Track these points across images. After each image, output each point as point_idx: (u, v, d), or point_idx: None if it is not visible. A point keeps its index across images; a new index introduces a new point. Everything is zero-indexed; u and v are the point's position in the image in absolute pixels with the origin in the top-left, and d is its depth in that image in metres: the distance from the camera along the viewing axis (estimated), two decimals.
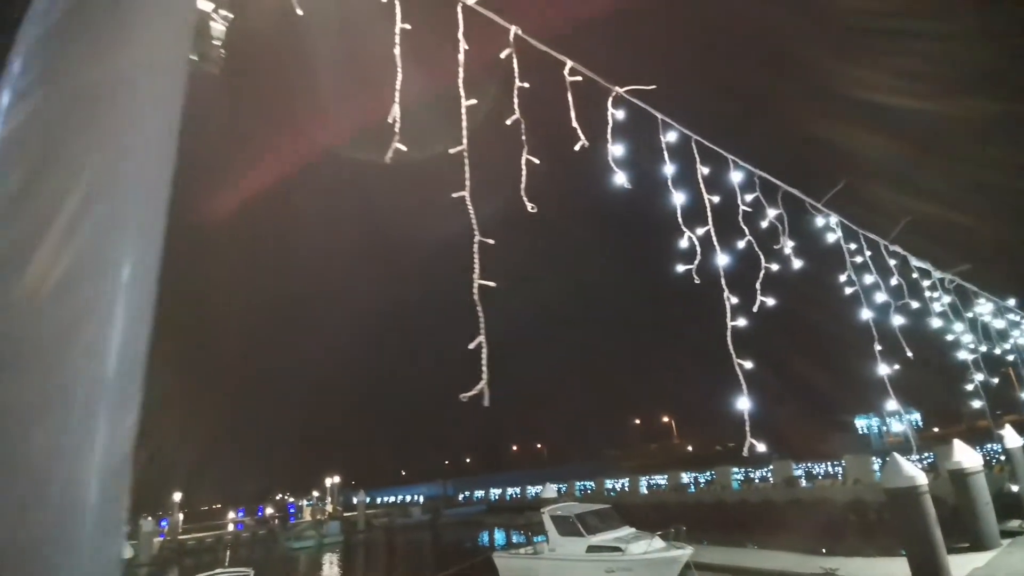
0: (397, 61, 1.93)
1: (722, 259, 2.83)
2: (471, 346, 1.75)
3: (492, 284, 1.80)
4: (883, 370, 3.78)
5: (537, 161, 2.20)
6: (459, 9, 2.24)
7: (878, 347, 3.80)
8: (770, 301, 3.02)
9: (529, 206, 2.15)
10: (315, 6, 2.17)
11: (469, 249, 1.93)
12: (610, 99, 2.70)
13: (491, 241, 1.87)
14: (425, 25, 2.26)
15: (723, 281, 2.72)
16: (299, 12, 2.13)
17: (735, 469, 23.65)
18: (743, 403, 2.44)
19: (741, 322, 2.65)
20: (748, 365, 2.52)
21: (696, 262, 2.79)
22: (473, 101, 2.09)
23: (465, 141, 2.01)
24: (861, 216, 4.17)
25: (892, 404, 3.77)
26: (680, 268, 2.84)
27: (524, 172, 2.18)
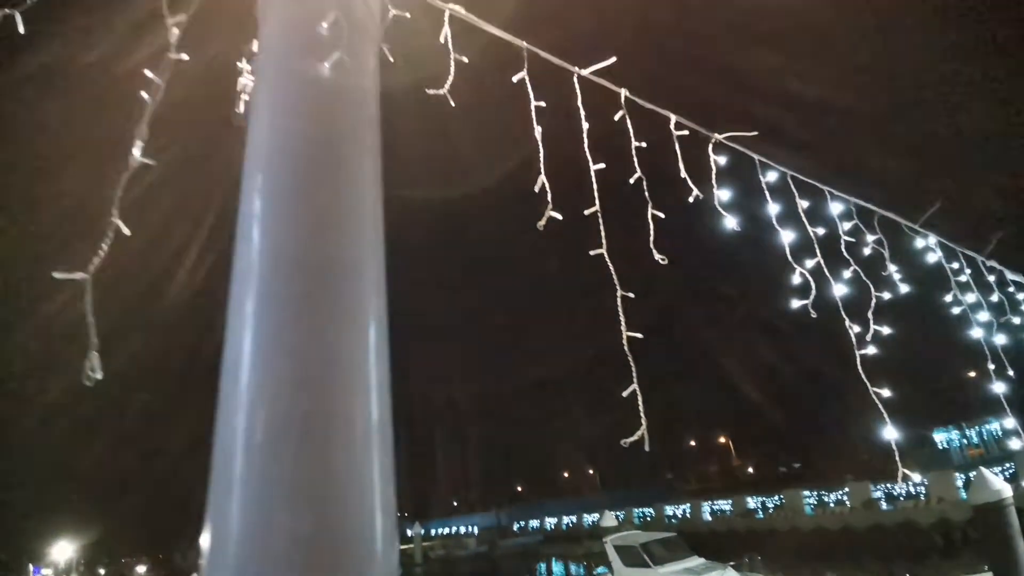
0: (538, 137, 2.15)
1: (839, 290, 2.92)
2: (625, 394, 1.88)
3: (639, 335, 1.94)
4: (998, 388, 3.72)
5: (662, 215, 2.37)
6: (575, 80, 2.46)
7: (991, 365, 3.76)
8: (885, 330, 3.05)
9: (659, 257, 2.31)
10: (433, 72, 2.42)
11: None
12: (710, 146, 2.85)
13: (632, 295, 2.02)
14: (540, 93, 2.48)
15: (843, 312, 2.80)
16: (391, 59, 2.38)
17: (806, 492, 22.55)
18: (889, 432, 2.48)
19: (869, 350, 2.72)
20: (886, 394, 2.56)
21: (811, 296, 2.88)
22: (601, 165, 2.28)
23: (598, 202, 2.19)
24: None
25: (1010, 421, 3.69)
26: (794, 303, 2.93)
27: (652, 226, 2.34)
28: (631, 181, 2.44)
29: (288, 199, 1.53)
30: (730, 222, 2.71)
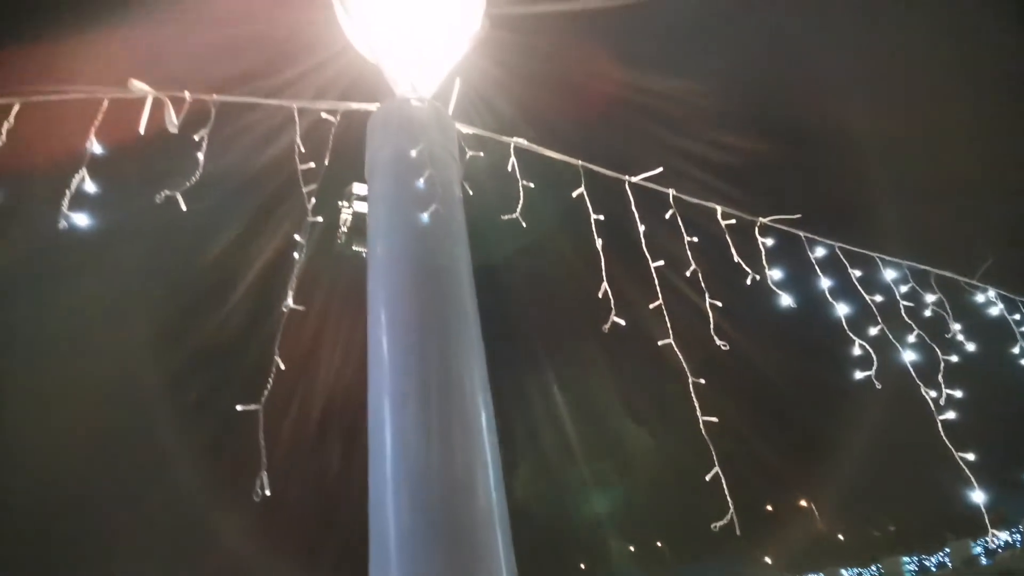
0: (599, 247, 2.45)
1: (908, 356, 2.98)
2: (708, 477, 2.02)
3: (715, 419, 2.11)
4: None
5: (720, 304, 2.59)
6: (627, 187, 2.77)
7: None
8: (957, 393, 3.05)
9: (721, 343, 2.50)
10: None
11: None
12: (756, 229, 3.07)
13: (702, 380, 2.21)
14: (597, 201, 2.80)
15: (916, 378, 2.85)
16: (470, 192, 2.74)
17: (905, 559, 20.55)
18: (977, 496, 2.46)
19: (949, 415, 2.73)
20: (971, 457, 2.56)
21: (874, 368, 2.95)
22: (660, 262, 2.55)
23: (660, 298, 2.43)
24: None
25: None
26: (858, 376, 3.00)
27: (711, 316, 2.55)
28: (688, 273, 2.67)
29: (407, 322, 1.84)
30: (787, 299, 2.87)
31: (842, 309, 3.06)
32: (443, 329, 1.85)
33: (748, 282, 2.78)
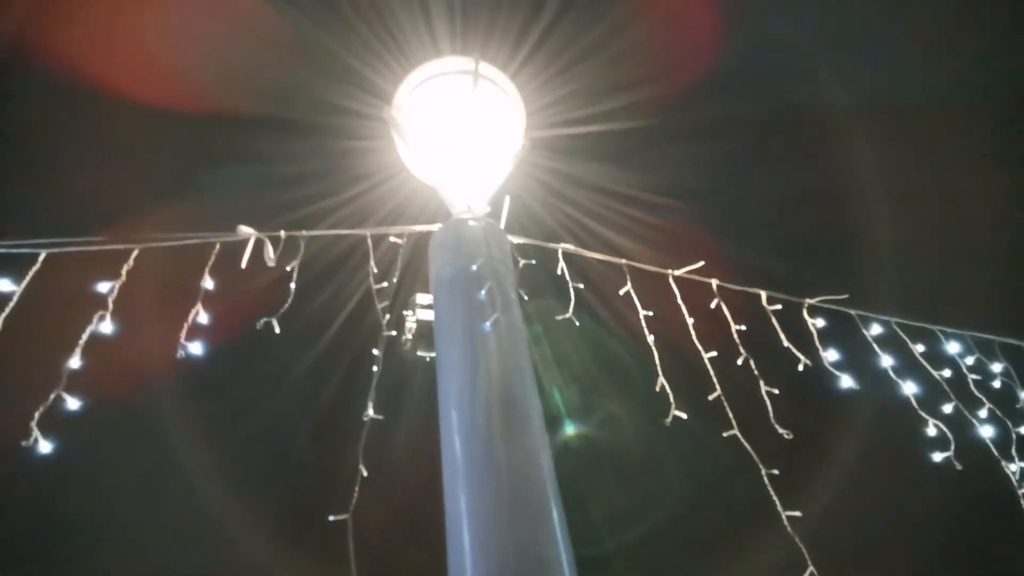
0: (651, 343, 2.59)
1: (986, 431, 2.86)
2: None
3: (798, 514, 2.08)
4: None
5: (776, 391, 2.62)
6: (671, 280, 2.94)
7: None
8: None
9: (784, 432, 2.49)
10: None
11: None
12: (804, 311, 3.12)
13: (776, 472, 2.20)
14: (641, 295, 2.95)
15: (995, 452, 2.72)
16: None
17: None
18: None
19: None
20: None
21: (952, 449, 2.83)
22: (713, 354, 2.64)
23: (718, 388, 2.50)
24: None
25: None
26: (937, 458, 2.87)
27: (769, 405, 2.58)
28: (739, 362, 2.73)
29: (477, 424, 1.98)
30: (847, 382, 2.86)
31: (907, 387, 2.99)
32: (511, 430, 1.98)
33: (801, 367, 2.80)
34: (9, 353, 2.14)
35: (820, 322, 3.08)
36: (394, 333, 2.40)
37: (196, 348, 2.06)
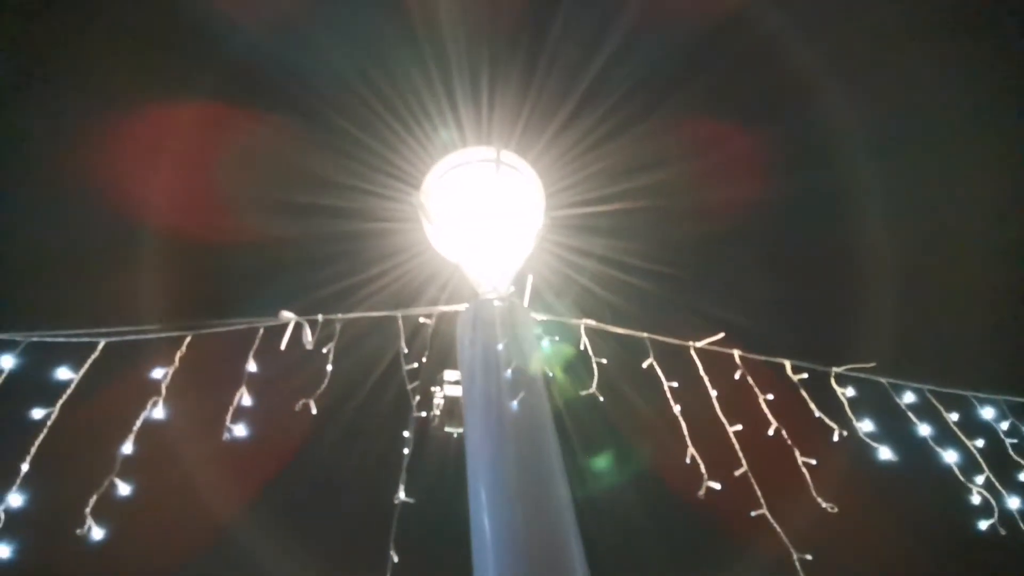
0: (677, 414, 2.63)
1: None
2: None
3: None
4: None
5: (814, 462, 2.60)
6: (693, 352, 3.00)
7: None
8: None
9: (827, 506, 2.45)
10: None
11: None
12: (832, 380, 3.13)
13: (808, 556, 2.15)
14: (665, 368, 3.01)
15: None
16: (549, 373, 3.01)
17: None
18: None
19: None
20: None
21: (995, 514, 2.72)
22: (739, 427, 2.66)
23: (744, 464, 2.50)
24: None
25: None
26: (982, 526, 2.76)
27: (808, 476, 2.56)
28: (770, 433, 2.73)
29: (505, 501, 2.03)
30: (884, 453, 2.81)
31: (946, 455, 2.92)
32: (538, 507, 2.02)
33: (836, 438, 2.77)
34: (66, 439, 2.30)
35: (850, 391, 3.07)
36: (424, 414, 2.49)
37: (240, 430, 2.19)
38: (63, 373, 2.39)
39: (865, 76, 4.44)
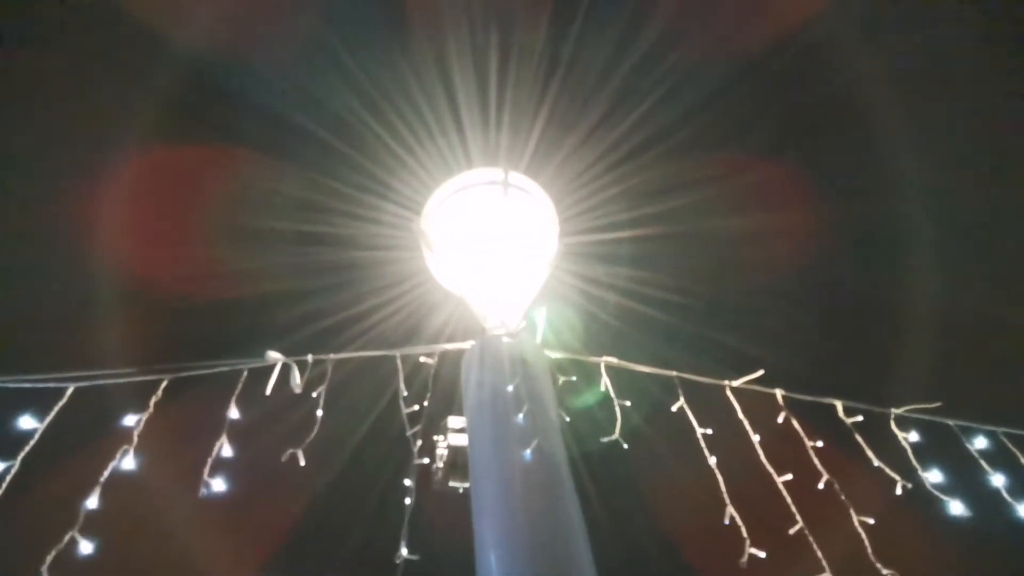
0: (713, 465, 2.60)
1: None
2: None
3: None
4: None
5: (872, 521, 2.53)
6: (729, 392, 2.99)
7: None
8: None
9: (889, 573, 2.38)
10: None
11: None
12: (892, 423, 3.08)
13: None
14: (699, 411, 3.00)
15: None
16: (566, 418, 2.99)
17: None
18: None
19: None
20: None
21: None
22: (788, 477, 2.62)
23: (800, 520, 2.44)
24: None
25: None
26: None
27: (865, 537, 2.49)
28: (820, 486, 2.68)
29: (519, 569, 2.01)
30: (955, 508, 2.73)
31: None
32: (556, 572, 2.00)
33: (899, 490, 2.71)
34: (27, 491, 2.32)
35: (913, 436, 3.02)
36: (426, 461, 2.49)
37: (219, 484, 2.20)
38: (26, 422, 2.42)
39: (921, 100, 4.50)
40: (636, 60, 4.14)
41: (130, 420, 2.39)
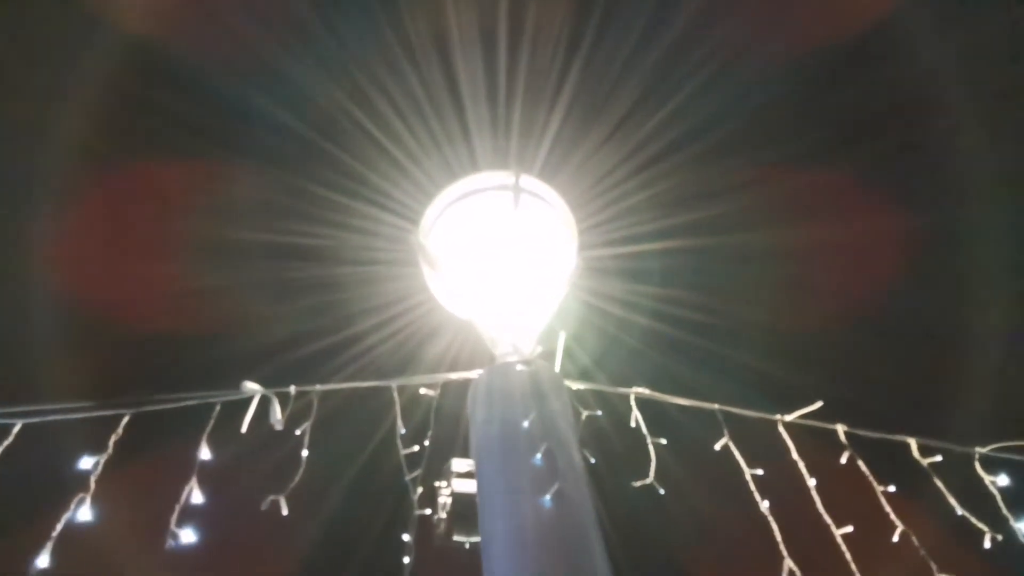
0: (765, 511, 2.53)
1: None
2: None
3: None
4: None
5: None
6: (781, 428, 2.93)
7: None
8: None
9: None
10: None
11: None
12: (976, 464, 2.99)
13: None
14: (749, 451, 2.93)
15: None
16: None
17: None
18: None
19: None
20: None
21: None
22: (848, 529, 2.54)
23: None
24: None
25: None
26: None
27: None
28: (895, 539, 2.60)
29: None
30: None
31: None
32: None
33: (987, 543, 2.62)
34: None
35: (1003, 479, 2.93)
36: (427, 511, 2.44)
37: (189, 536, 2.15)
38: None
39: (997, 95, 4.45)
40: (666, 48, 4.12)
41: (86, 463, 2.35)
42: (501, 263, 3.30)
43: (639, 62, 4.16)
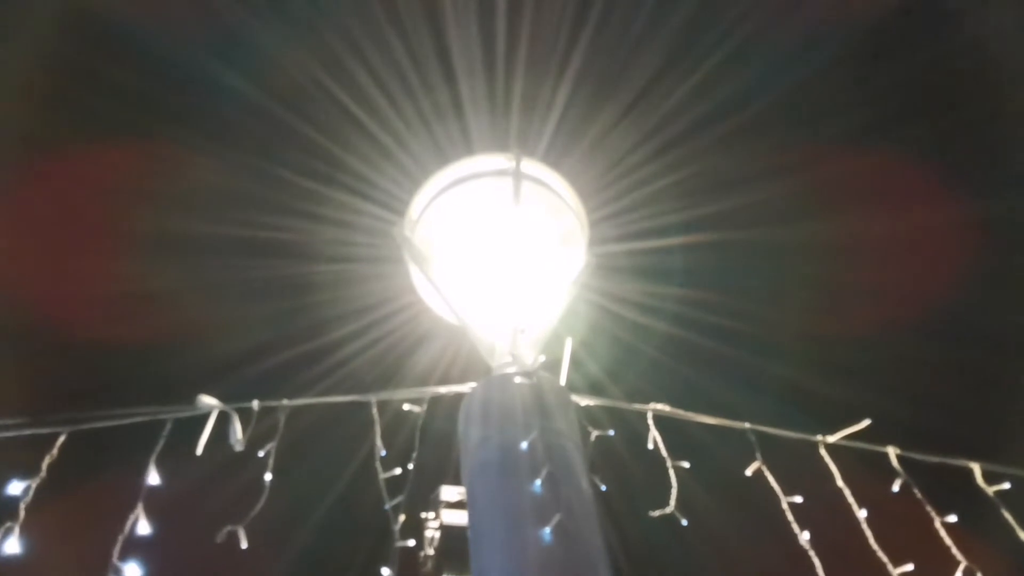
0: (806, 545, 2.52)
1: None
2: None
3: None
4: None
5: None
6: (823, 450, 2.93)
7: None
8: None
9: None
10: None
11: None
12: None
13: None
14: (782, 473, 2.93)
15: None
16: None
17: None
18: None
19: None
20: None
21: None
22: (908, 567, 2.53)
23: None
24: None
25: None
26: None
27: None
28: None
29: None
30: None
31: None
32: None
33: None
34: None
35: None
36: (411, 544, 2.43)
37: (134, 572, 2.14)
38: None
39: None
40: (689, 12, 4.12)
41: (15, 488, 2.34)
42: (499, 260, 3.30)
43: (658, 28, 4.15)
